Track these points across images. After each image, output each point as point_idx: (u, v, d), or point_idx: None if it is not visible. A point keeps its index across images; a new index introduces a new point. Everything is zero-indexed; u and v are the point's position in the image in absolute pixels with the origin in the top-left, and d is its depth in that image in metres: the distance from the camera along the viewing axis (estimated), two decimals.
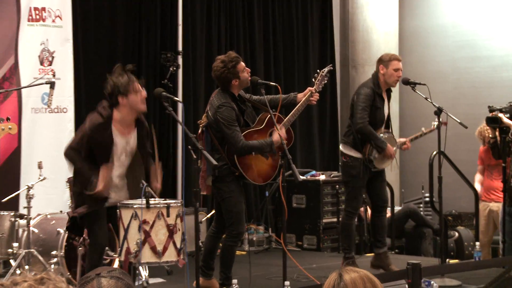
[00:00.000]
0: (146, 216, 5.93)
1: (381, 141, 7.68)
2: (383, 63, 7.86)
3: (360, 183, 7.84)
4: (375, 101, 7.74)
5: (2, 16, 8.67)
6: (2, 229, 7.52)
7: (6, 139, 8.29)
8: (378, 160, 7.76)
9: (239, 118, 6.84)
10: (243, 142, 6.71)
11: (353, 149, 7.79)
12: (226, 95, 6.85)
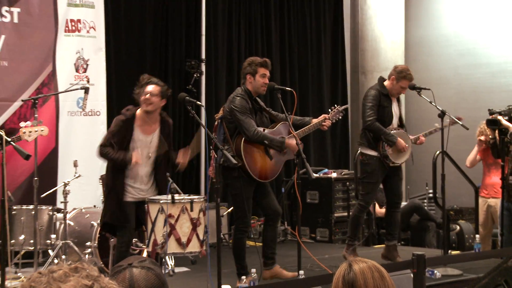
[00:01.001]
0: (172, 211, 5.94)
1: (390, 135, 7.66)
2: (397, 76, 7.80)
3: (374, 179, 7.82)
4: (381, 100, 7.73)
5: (42, 28, 8.70)
6: (41, 222, 7.54)
7: (44, 140, 8.34)
8: (394, 155, 7.74)
9: (251, 114, 6.81)
10: (256, 129, 6.67)
11: (368, 148, 7.78)
12: (244, 91, 6.84)
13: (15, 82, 8.45)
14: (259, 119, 6.90)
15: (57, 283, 1.75)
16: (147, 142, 6.43)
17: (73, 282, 1.76)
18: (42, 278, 1.77)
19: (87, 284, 1.77)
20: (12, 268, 7.39)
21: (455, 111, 8.37)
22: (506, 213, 8.45)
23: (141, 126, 6.41)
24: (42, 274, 1.79)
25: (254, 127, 6.67)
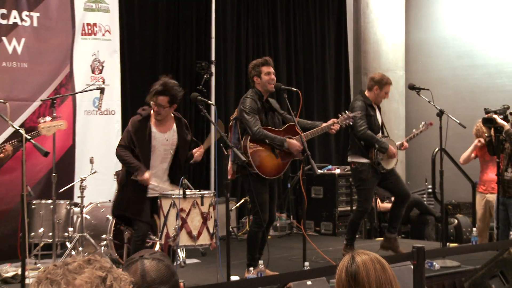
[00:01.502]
0: (183, 205, 5.94)
1: (383, 143, 7.61)
2: (379, 85, 7.76)
3: (369, 185, 7.75)
4: (368, 110, 7.68)
5: (60, 31, 8.71)
6: (59, 215, 7.57)
7: (62, 138, 8.36)
8: (385, 161, 7.71)
9: (260, 114, 6.78)
10: (259, 128, 6.65)
11: (360, 156, 7.71)
12: (254, 93, 6.84)
13: (34, 83, 8.47)
14: (270, 119, 6.89)
15: (72, 275, 1.76)
16: (163, 139, 6.44)
17: (87, 274, 1.77)
18: (58, 270, 1.78)
19: (101, 275, 1.78)
20: (32, 260, 7.40)
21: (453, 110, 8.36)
22: (502, 208, 8.45)
23: (157, 124, 6.42)
24: (57, 266, 1.80)
25: (257, 126, 6.66)
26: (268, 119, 6.86)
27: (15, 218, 7.64)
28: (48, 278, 1.76)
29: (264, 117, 6.82)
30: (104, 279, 1.77)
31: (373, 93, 7.78)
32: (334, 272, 2.77)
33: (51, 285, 1.74)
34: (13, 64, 8.33)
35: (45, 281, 1.76)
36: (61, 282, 1.75)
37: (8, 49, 8.28)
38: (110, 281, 1.78)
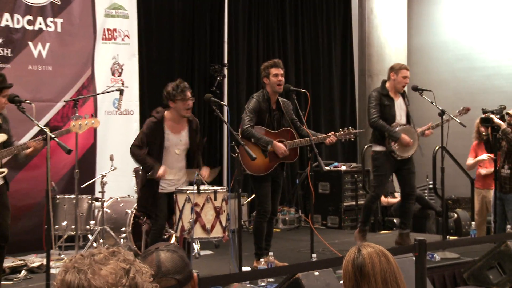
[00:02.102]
0: (197, 200, 5.95)
1: (394, 132, 7.60)
2: (394, 71, 7.83)
3: (383, 172, 7.77)
4: (382, 100, 7.69)
5: (82, 36, 8.74)
6: (81, 209, 7.59)
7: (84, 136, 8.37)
8: (400, 150, 7.69)
9: (263, 114, 6.77)
10: (249, 128, 6.66)
11: (376, 144, 7.76)
12: (261, 94, 6.84)
13: (58, 85, 8.50)
14: (276, 120, 6.87)
15: (98, 265, 1.76)
16: (177, 140, 6.44)
17: (112, 265, 1.77)
18: (84, 260, 1.78)
19: (125, 267, 1.78)
20: (56, 251, 7.43)
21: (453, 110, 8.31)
22: (499, 203, 8.45)
23: (171, 126, 6.41)
24: (84, 256, 1.81)
25: (248, 125, 6.67)
26: (272, 119, 6.83)
27: (40, 212, 7.66)
28: (75, 267, 1.76)
29: (267, 117, 6.79)
30: (127, 271, 1.77)
31: (391, 81, 7.80)
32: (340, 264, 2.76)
33: (78, 274, 1.74)
34: (39, 67, 8.36)
35: (72, 270, 1.76)
36: (88, 271, 1.74)
37: (34, 53, 8.31)
38: (133, 273, 1.78)
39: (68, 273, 1.76)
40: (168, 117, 6.40)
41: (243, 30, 10.82)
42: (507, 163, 8.42)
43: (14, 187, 5.98)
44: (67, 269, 1.77)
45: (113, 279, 1.74)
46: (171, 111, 6.40)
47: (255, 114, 6.72)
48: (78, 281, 1.73)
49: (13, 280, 6.49)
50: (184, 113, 6.36)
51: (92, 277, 1.73)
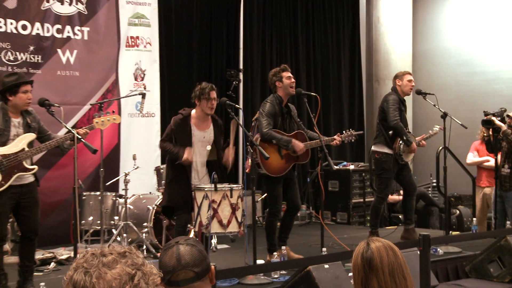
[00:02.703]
0: (215, 197, 5.94)
1: (409, 136, 7.65)
2: (399, 77, 7.86)
3: (390, 175, 7.75)
4: (400, 104, 7.70)
5: (107, 44, 8.77)
6: (106, 205, 7.61)
7: (109, 137, 8.40)
8: (405, 154, 7.71)
9: (276, 117, 6.75)
10: (269, 130, 6.62)
11: (385, 147, 7.71)
12: (274, 98, 6.82)
13: (84, 89, 8.54)
14: (288, 124, 6.85)
15: (104, 269, 1.73)
16: (201, 137, 6.47)
17: (118, 270, 1.73)
18: (93, 261, 1.75)
19: (130, 272, 1.74)
20: (82, 244, 7.46)
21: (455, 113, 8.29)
22: (499, 200, 8.42)
23: (196, 123, 6.44)
24: (95, 255, 1.77)
25: (268, 128, 6.63)
26: (285, 123, 6.82)
27: (67, 208, 7.70)
28: (84, 267, 1.74)
29: (280, 120, 6.78)
30: (132, 277, 1.73)
31: (399, 88, 7.80)
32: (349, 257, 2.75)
33: (84, 275, 1.72)
34: (67, 72, 8.40)
35: (80, 269, 1.73)
36: (93, 275, 1.71)
37: (62, 60, 8.35)
38: (138, 279, 1.73)
39: (76, 272, 1.73)
40: (194, 115, 6.45)
41: (257, 38, 10.82)
42: (507, 162, 8.39)
43: (44, 185, 6.01)
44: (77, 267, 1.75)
45: (117, 284, 1.71)
46: (196, 110, 6.45)
47: (272, 117, 6.70)
48: (83, 283, 1.70)
49: (43, 271, 6.53)
50: (207, 111, 6.40)
51: (96, 282, 1.70)
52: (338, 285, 5.47)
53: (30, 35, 8.10)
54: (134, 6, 9.04)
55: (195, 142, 6.43)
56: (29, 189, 5.63)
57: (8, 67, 7.78)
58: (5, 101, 5.56)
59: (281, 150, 6.73)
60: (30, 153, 5.56)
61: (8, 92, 5.53)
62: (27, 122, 5.65)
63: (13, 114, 5.58)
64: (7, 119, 5.52)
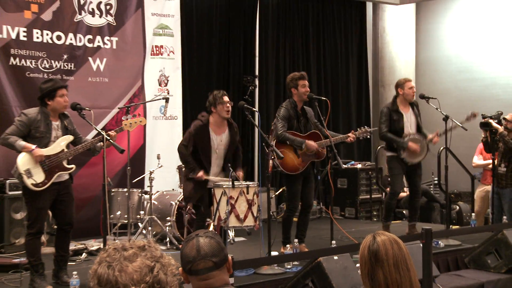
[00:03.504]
0: (232, 193, 5.94)
1: (400, 142, 7.56)
2: (400, 86, 7.79)
3: (396, 173, 7.72)
4: (391, 115, 7.64)
5: (133, 52, 8.80)
6: (133, 201, 7.63)
7: (135, 138, 8.43)
8: (408, 157, 7.65)
9: (292, 120, 6.74)
10: (283, 132, 6.64)
11: (388, 151, 7.75)
12: (289, 103, 6.82)
13: (113, 94, 8.57)
14: (303, 125, 6.84)
15: (126, 262, 1.74)
16: (219, 141, 6.47)
17: (138, 263, 1.74)
18: (115, 256, 1.76)
19: (150, 264, 1.75)
20: (111, 236, 7.48)
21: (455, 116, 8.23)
22: (496, 197, 8.43)
23: (214, 129, 6.44)
24: (117, 250, 1.78)
25: (282, 130, 6.64)
26: (300, 125, 6.81)
27: (97, 203, 7.73)
28: (107, 261, 1.75)
29: (296, 123, 6.78)
30: (152, 269, 1.74)
31: (400, 96, 7.75)
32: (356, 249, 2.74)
33: (107, 269, 1.73)
34: (97, 79, 8.43)
35: (104, 263, 1.75)
36: (116, 268, 1.72)
37: (93, 67, 8.39)
38: (157, 270, 1.74)
39: (100, 266, 1.75)
40: (212, 121, 6.44)
41: (272, 47, 10.81)
42: (503, 161, 8.37)
43: (76, 182, 6.03)
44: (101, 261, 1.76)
45: (138, 276, 1.71)
46: (213, 116, 6.44)
47: (286, 120, 6.71)
48: (107, 276, 1.72)
49: (75, 261, 6.57)
50: (225, 115, 6.39)
51: (119, 274, 1.71)
52: (346, 275, 5.46)
53: (64, 45, 8.14)
54: (159, 18, 9.06)
55: (213, 147, 6.43)
56: (65, 186, 5.70)
57: (44, 74, 7.83)
58: (45, 106, 5.61)
59: (297, 150, 6.73)
60: (69, 154, 5.63)
61: (47, 97, 5.59)
62: (65, 125, 5.72)
63: (52, 118, 5.64)
64: (48, 123, 5.58)
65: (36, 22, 7.91)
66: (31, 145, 5.46)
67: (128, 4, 8.74)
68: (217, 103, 6.35)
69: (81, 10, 8.30)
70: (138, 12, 8.84)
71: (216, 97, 6.37)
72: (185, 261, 2.54)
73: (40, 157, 5.45)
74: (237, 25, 10.39)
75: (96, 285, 1.73)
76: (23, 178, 5.43)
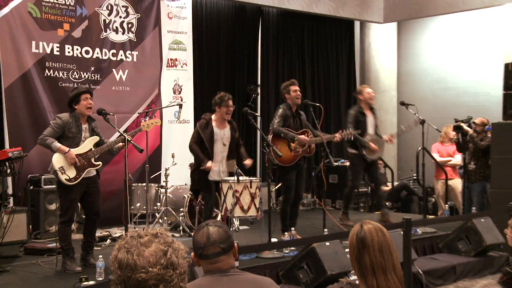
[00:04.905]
0: (237, 187, 5.95)
1: (363, 141, 7.61)
2: (359, 92, 7.86)
3: (357, 168, 7.78)
4: (358, 117, 7.66)
5: (151, 65, 8.81)
6: (150, 194, 7.63)
7: (153, 139, 8.43)
8: (367, 154, 7.68)
9: (288, 119, 6.76)
10: (278, 126, 6.68)
11: (351, 148, 7.78)
12: (285, 105, 6.84)
13: (133, 101, 8.58)
14: (298, 125, 6.87)
15: (142, 248, 1.74)
16: (221, 135, 6.49)
17: (153, 248, 1.75)
18: (133, 242, 1.76)
19: (163, 249, 1.75)
20: (132, 225, 7.50)
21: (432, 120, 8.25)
22: (466, 190, 8.43)
23: (217, 125, 6.46)
24: (133, 237, 1.79)
25: (278, 125, 6.69)
26: (295, 124, 6.83)
27: (120, 196, 7.73)
28: (125, 248, 1.75)
29: (292, 121, 6.80)
30: (165, 252, 1.75)
31: (362, 101, 7.77)
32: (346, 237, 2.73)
33: (126, 254, 1.73)
34: (119, 87, 8.44)
35: (123, 250, 1.75)
36: (134, 253, 1.73)
37: (116, 77, 8.41)
38: (170, 254, 1.75)
39: (120, 252, 1.75)
40: (214, 118, 6.47)
41: (272, 59, 10.80)
42: (473, 160, 8.37)
43: (102, 177, 6.03)
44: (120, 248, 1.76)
45: (154, 259, 1.72)
46: (216, 114, 6.47)
47: (282, 118, 6.73)
48: (126, 260, 1.72)
49: (101, 246, 6.58)
50: (225, 117, 6.44)
51: (137, 258, 1.71)
52: (337, 259, 5.46)
53: (92, 58, 8.15)
54: (174, 35, 9.07)
55: (217, 139, 6.45)
56: (93, 181, 5.73)
57: (74, 84, 7.84)
58: (73, 110, 5.65)
59: (290, 145, 6.72)
60: (96, 152, 5.67)
61: (73, 102, 5.64)
62: (92, 127, 5.76)
63: (82, 121, 5.69)
64: (79, 125, 5.64)
65: (67, 39, 7.94)
66: (66, 148, 5.52)
67: (147, 23, 8.75)
68: (222, 105, 6.38)
69: (106, 28, 8.32)
70: (155, 30, 8.85)
71: (222, 99, 6.40)
72: (197, 247, 2.54)
73: (72, 159, 5.51)
74: (242, 40, 10.39)
75: (117, 269, 1.73)
76: (58, 174, 5.49)
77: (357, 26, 12.26)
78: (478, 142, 8.22)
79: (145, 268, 1.70)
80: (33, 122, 7.49)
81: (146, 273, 1.69)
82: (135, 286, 1.70)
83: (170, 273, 1.72)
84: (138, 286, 1.70)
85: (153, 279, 1.69)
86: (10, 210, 6.16)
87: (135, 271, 1.70)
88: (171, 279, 1.72)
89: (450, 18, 11.41)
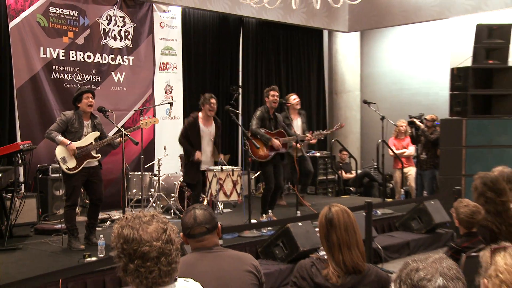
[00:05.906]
0: (221, 175, 5.94)
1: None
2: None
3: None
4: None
5: (146, 68, 8.75)
6: (145, 182, 7.60)
7: (147, 134, 8.36)
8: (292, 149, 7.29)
9: (265, 121, 6.78)
10: (256, 128, 6.69)
11: None
12: (264, 108, 6.86)
13: (130, 100, 8.51)
14: (274, 126, 6.90)
15: (145, 225, 1.75)
16: (207, 131, 6.45)
17: (154, 225, 1.76)
18: (135, 221, 1.77)
19: (163, 227, 1.77)
20: (129, 208, 7.45)
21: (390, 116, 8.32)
22: (419, 177, 8.51)
23: (203, 122, 6.43)
24: (134, 217, 1.79)
25: (255, 126, 6.69)
26: (271, 124, 6.84)
27: (118, 183, 7.69)
28: (129, 225, 1.75)
29: (268, 123, 6.81)
30: (165, 230, 1.77)
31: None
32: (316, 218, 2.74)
33: (131, 230, 1.74)
34: (117, 88, 8.37)
35: (126, 227, 1.75)
36: (139, 228, 1.74)
37: (114, 79, 8.33)
38: (168, 231, 1.77)
39: (124, 229, 1.74)
40: (201, 116, 6.44)
41: (252, 63, 10.76)
42: (424, 150, 8.45)
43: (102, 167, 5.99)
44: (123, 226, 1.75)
45: (156, 235, 1.73)
46: (202, 112, 6.45)
47: (260, 120, 6.74)
48: (132, 235, 1.72)
49: (102, 227, 6.54)
50: (208, 113, 6.40)
51: (142, 233, 1.72)
52: (308, 237, 5.49)
53: (93, 62, 8.07)
54: (165, 41, 9.00)
55: (203, 136, 6.42)
56: (96, 171, 5.71)
57: (78, 85, 7.78)
58: (77, 108, 5.64)
59: (267, 144, 6.73)
60: (96, 145, 5.64)
61: (76, 101, 5.63)
62: (94, 124, 5.73)
63: (84, 118, 5.66)
64: (81, 121, 5.63)
65: (72, 45, 7.86)
66: (67, 141, 5.52)
67: (142, 31, 8.68)
68: (205, 103, 6.38)
69: (106, 36, 8.23)
70: (149, 37, 8.78)
71: (205, 98, 6.40)
72: (185, 227, 2.53)
73: (73, 151, 5.52)
74: (225, 47, 10.34)
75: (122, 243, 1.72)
76: (59, 164, 5.52)
77: (326, 35, 12.28)
78: (429, 135, 8.31)
79: (149, 242, 1.71)
80: (41, 119, 7.45)
81: (150, 246, 1.70)
82: (139, 258, 1.70)
83: (169, 248, 1.74)
84: (142, 258, 1.70)
85: (155, 252, 1.70)
86: (22, 196, 6.18)
87: (141, 244, 1.70)
88: (170, 252, 1.74)
89: (405, 28, 11.48)
